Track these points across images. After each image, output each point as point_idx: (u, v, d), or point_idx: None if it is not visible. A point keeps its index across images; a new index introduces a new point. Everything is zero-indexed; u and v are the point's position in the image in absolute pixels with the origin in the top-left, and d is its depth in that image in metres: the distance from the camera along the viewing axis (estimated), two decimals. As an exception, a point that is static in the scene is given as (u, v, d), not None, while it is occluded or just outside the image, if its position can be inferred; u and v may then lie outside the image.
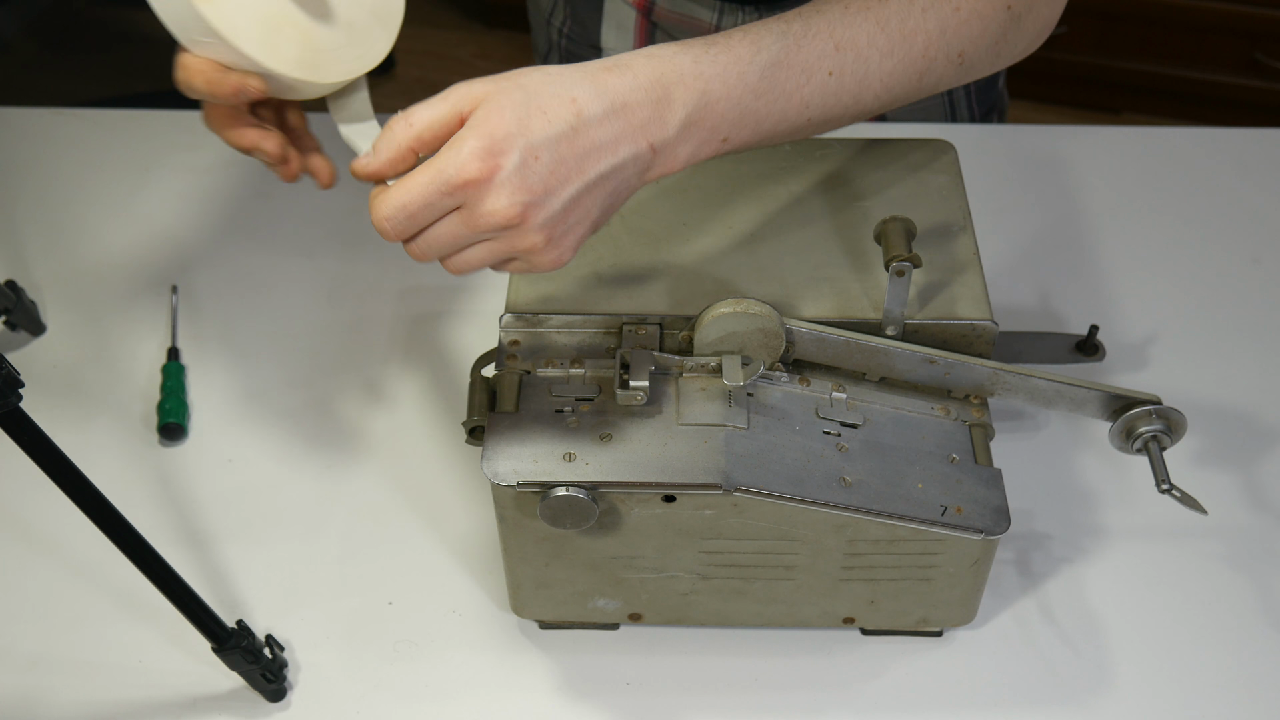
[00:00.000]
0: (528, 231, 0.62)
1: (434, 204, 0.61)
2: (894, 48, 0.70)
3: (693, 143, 0.66)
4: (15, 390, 0.59)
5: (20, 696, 0.77)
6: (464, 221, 0.62)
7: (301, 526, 0.86)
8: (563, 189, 0.62)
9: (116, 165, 1.12)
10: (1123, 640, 0.79)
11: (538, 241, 0.63)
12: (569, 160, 0.62)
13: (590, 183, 0.63)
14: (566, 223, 0.64)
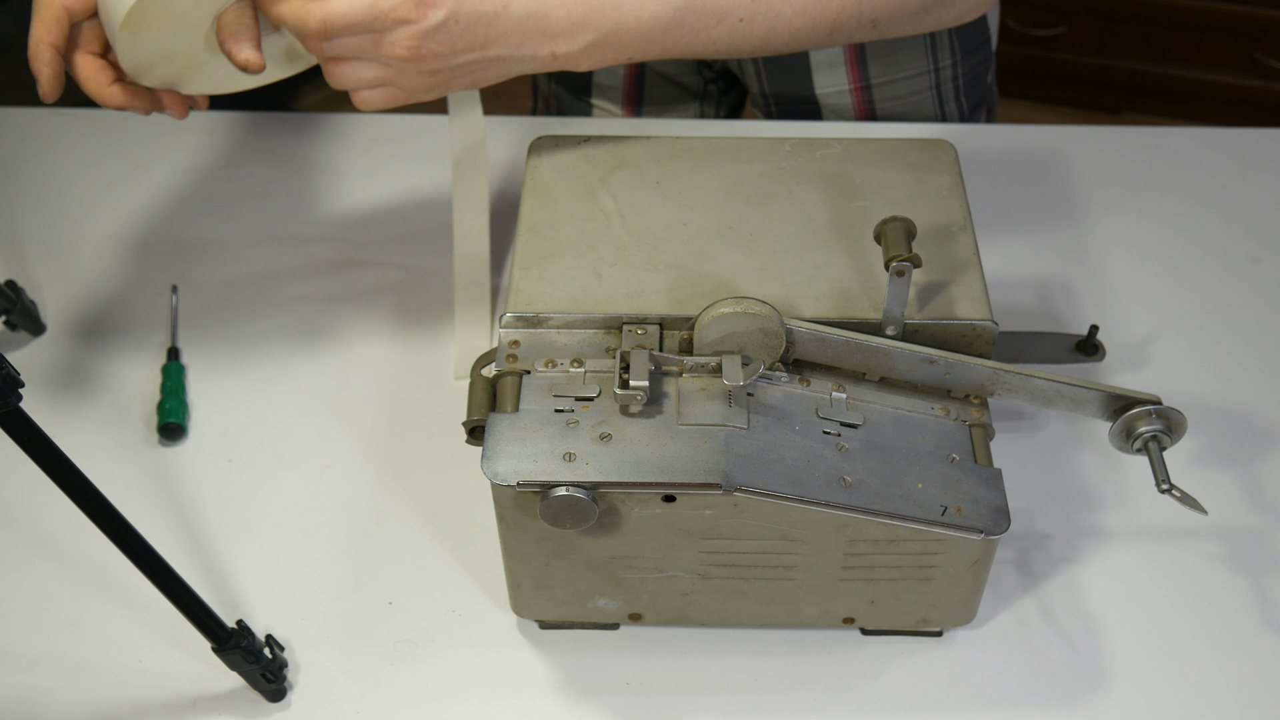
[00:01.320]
0: (418, 71, 0.74)
1: (365, 24, 0.71)
2: (807, 6, 0.79)
3: (595, 59, 0.77)
4: (15, 390, 0.59)
5: (20, 696, 0.77)
6: (372, 40, 0.72)
7: (301, 527, 0.86)
8: (463, 54, 0.74)
9: (116, 165, 1.12)
10: (1122, 640, 0.79)
11: (422, 83, 0.75)
12: (479, 35, 0.73)
13: (487, 59, 0.75)
14: (451, 77, 0.75)
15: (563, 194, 0.82)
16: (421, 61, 0.73)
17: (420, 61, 0.73)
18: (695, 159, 0.84)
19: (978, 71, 1.16)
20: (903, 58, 1.12)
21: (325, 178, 1.11)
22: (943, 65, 1.13)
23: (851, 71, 1.12)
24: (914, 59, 1.12)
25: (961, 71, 1.14)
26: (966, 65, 1.14)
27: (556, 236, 0.79)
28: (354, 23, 0.71)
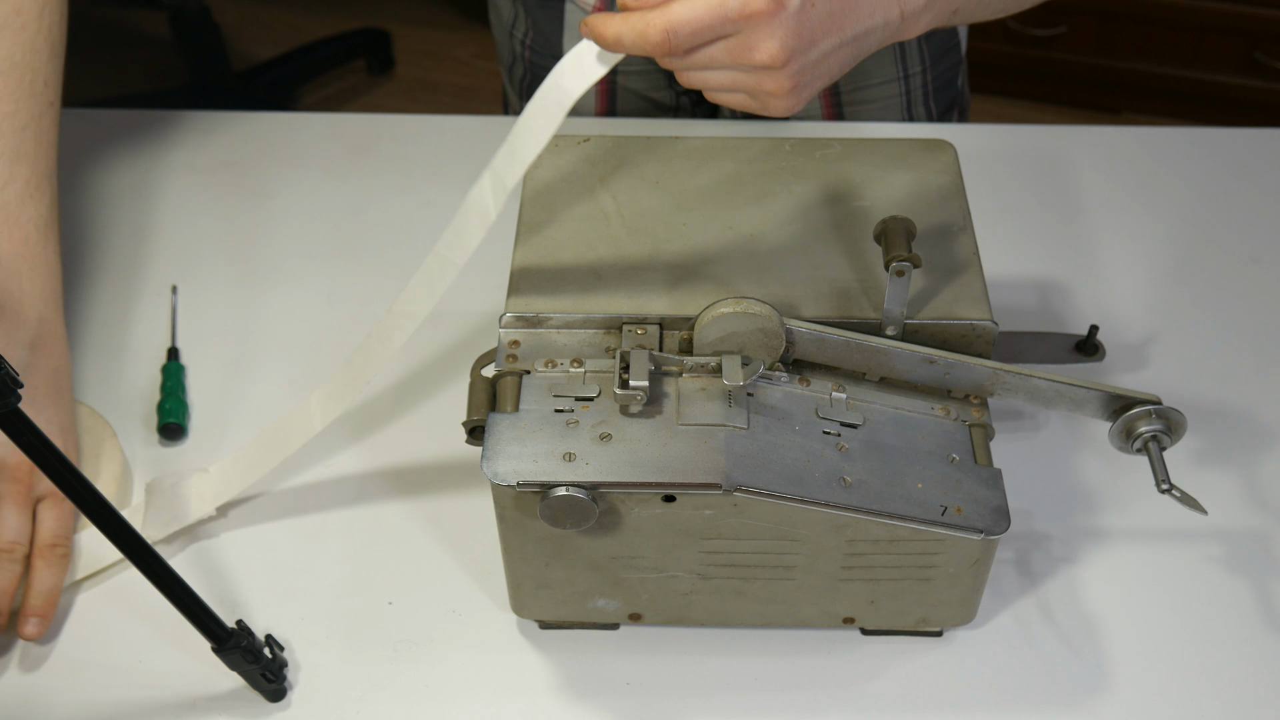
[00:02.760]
0: (781, 76, 0.65)
1: (715, 27, 0.63)
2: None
3: (931, 13, 0.69)
4: (15, 391, 0.59)
5: (20, 696, 0.77)
6: (729, 50, 0.64)
7: (301, 526, 0.86)
8: (824, 40, 0.65)
9: (116, 165, 1.12)
10: (1122, 640, 0.79)
11: (784, 86, 0.65)
12: (836, 14, 0.65)
13: (846, 40, 0.66)
14: (814, 74, 0.66)
15: (563, 194, 0.82)
16: (786, 64, 0.64)
17: (786, 64, 0.64)
18: (695, 159, 0.84)
19: (947, 77, 1.16)
20: (871, 66, 1.12)
21: (325, 178, 1.11)
22: (912, 73, 1.13)
23: None
24: (883, 68, 1.12)
25: (931, 78, 1.14)
26: (935, 71, 1.14)
27: (556, 236, 0.79)
28: (702, 27, 0.63)
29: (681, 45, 0.63)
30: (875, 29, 0.67)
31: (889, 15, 0.67)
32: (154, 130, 1.15)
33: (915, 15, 0.69)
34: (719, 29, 0.63)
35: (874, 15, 0.67)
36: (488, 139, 1.13)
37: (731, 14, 0.62)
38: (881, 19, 0.67)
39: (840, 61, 0.67)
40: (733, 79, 0.66)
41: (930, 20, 0.70)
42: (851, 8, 0.66)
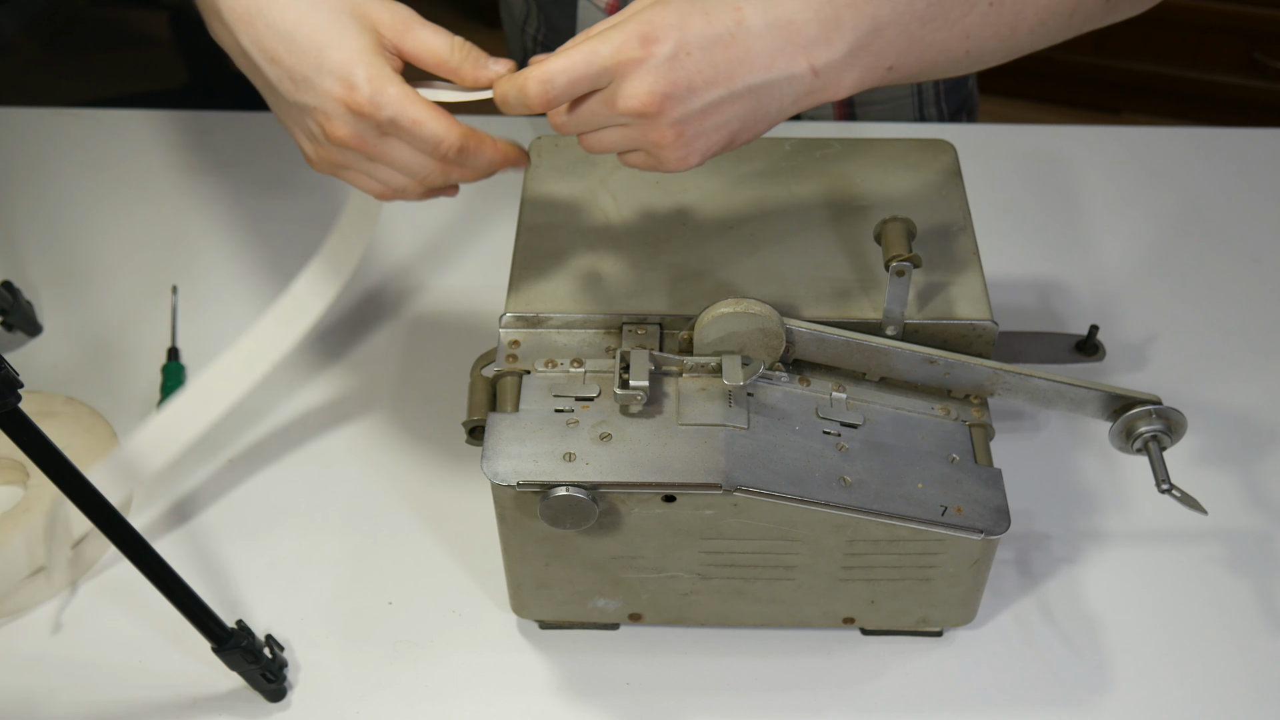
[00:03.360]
0: (660, 125, 0.63)
1: (588, 76, 0.62)
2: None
3: (858, 69, 0.65)
4: (14, 391, 0.59)
5: (20, 696, 0.77)
6: (604, 101, 0.63)
7: (301, 527, 0.86)
8: (706, 91, 0.62)
9: (116, 165, 1.12)
10: (1123, 640, 0.79)
11: (667, 137, 0.63)
12: (720, 64, 0.62)
13: (736, 92, 0.63)
14: (701, 126, 0.63)
15: (563, 194, 0.82)
16: (662, 112, 0.62)
17: (661, 112, 0.62)
18: (695, 159, 0.84)
19: (959, 77, 1.16)
20: None
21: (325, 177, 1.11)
22: None
23: None
24: None
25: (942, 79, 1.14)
26: None
27: (556, 236, 0.79)
28: (576, 77, 0.62)
29: (559, 96, 0.63)
30: (777, 82, 0.63)
31: (794, 69, 0.63)
32: (154, 130, 1.15)
33: (833, 70, 0.64)
34: (594, 79, 0.62)
35: (772, 68, 0.63)
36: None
37: (603, 62, 0.62)
38: (784, 72, 0.63)
39: (737, 114, 0.64)
40: (623, 135, 0.65)
41: (859, 77, 0.65)
42: (740, 58, 0.62)
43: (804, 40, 0.63)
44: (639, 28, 0.62)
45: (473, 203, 1.08)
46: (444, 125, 0.65)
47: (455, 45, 0.67)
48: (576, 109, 0.64)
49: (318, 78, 0.64)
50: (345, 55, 0.64)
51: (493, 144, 0.68)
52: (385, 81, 0.64)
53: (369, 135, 0.65)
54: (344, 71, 0.64)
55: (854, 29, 0.64)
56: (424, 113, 0.65)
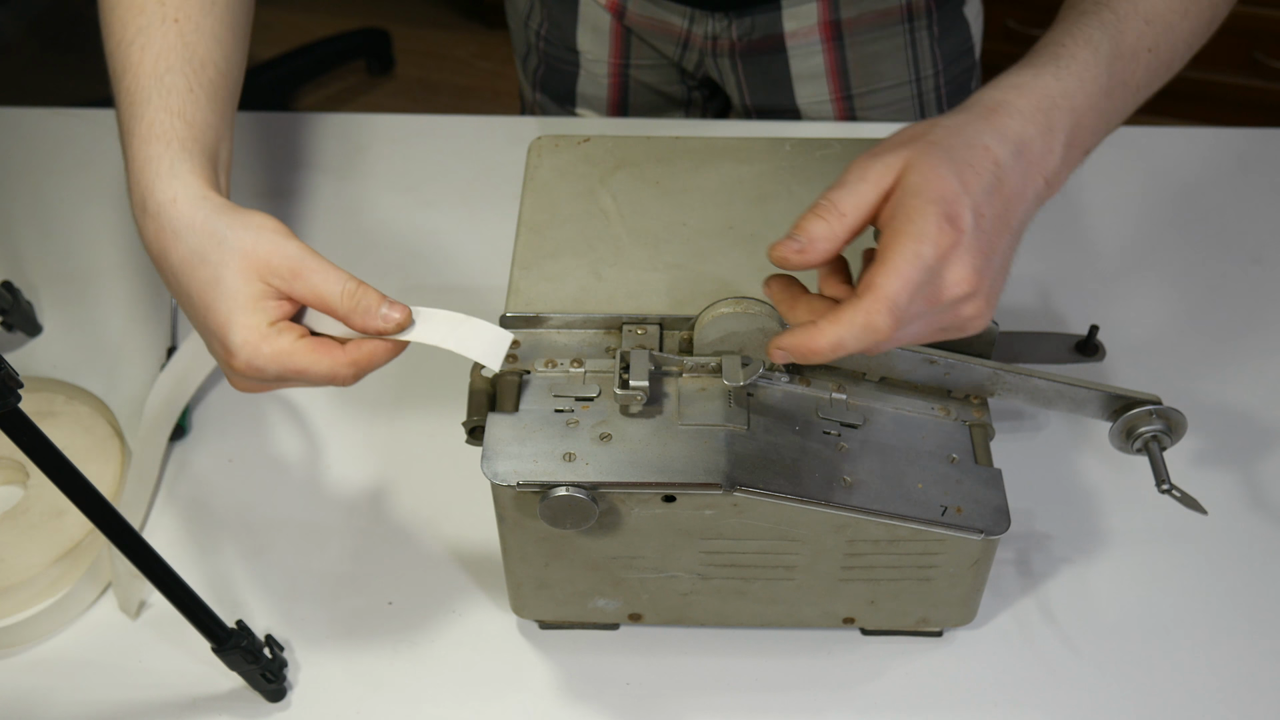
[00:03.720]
0: (977, 299, 0.60)
1: (924, 281, 0.58)
2: (1187, 6, 0.69)
3: (1071, 165, 0.65)
4: (14, 391, 0.59)
5: (20, 696, 0.77)
6: (931, 296, 0.59)
7: (301, 526, 0.86)
8: (999, 244, 0.60)
9: (116, 165, 1.12)
10: (1123, 640, 0.79)
11: (981, 308, 0.60)
12: (1000, 213, 0.60)
13: (1015, 233, 0.62)
14: (997, 279, 0.61)
15: (563, 194, 0.82)
16: (979, 286, 0.59)
17: (978, 288, 0.59)
18: (695, 159, 0.84)
19: (961, 80, 1.16)
20: (884, 69, 1.12)
21: (325, 178, 1.11)
22: (924, 75, 1.13)
23: (833, 82, 1.12)
24: (895, 70, 1.12)
25: (944, 81, 1.14)
26: (949, 75, 1.14)
27: (556, 236, 0.79)
28: (916, 286, 0.57)
29: (905, 316, 0.58)
30: (1030, 206, 0.63)
31: (1037, 189, 0.63)
32: (154, 130, 1.15)
33: (1057, 175, 0.64)
34: (926, 280, 0.58)
35: (1026, 196, 0.62)
36: (488, 139, 1.14)
37: (930, 260, 0.57)
38: (1033, 195, 0.62)
39: (1011, 251, 0.63)
40: (930, 324, 0.61)
41: (1069, 171, 0.65)
42: (1010, 199, 0.61)
43: (1037, 158, 0.62)
44: (938, 208, 0.58)
45: (473, 203, 1.08)
46: (328, 364, 0.65)
47: (345, 293, 0.65)
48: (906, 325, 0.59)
49: (208, 337, 0.66)
50: (222, 318, 0.64)
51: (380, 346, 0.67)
52: (259, 342, 0.64)
53: (260, 383, 0.67)
54: (222, 335, 0.64)
55: (1064, 129, 0.63)
56: (306, 361, 0.65)
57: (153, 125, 0.67)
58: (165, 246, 0.66)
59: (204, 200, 0.66)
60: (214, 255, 0.64)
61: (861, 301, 0.58)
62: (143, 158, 0.67)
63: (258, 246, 0.65)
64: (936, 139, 0.61)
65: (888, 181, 0.60)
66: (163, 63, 0.69)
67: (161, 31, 0.70)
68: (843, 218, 0.59)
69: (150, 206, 0.66)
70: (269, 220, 0.66)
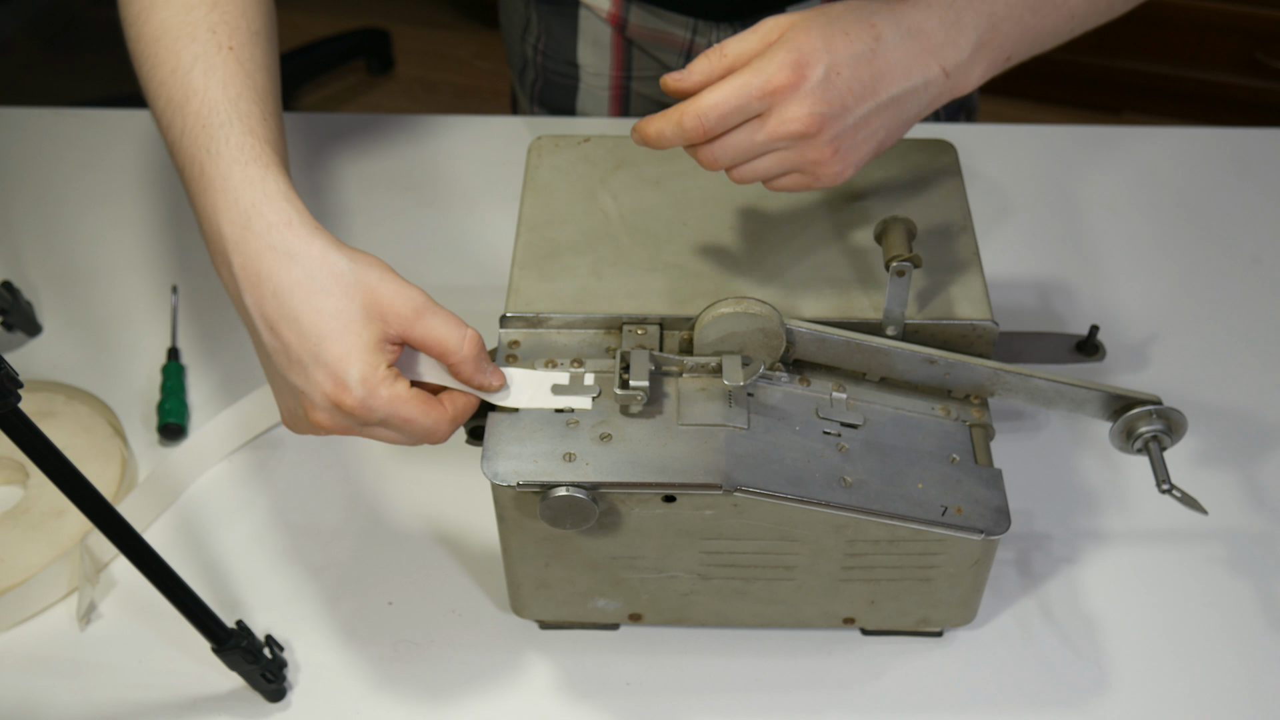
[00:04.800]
0: (819, 143, 0.67)
1: (743, 106, 0.66)
2: None
3: (983, 64, 0.70)
4: (14, 391, 0.59)
5: (20, 696, 0.77)
6: (763, 128, 0.66)
7: (301, 526, 0.86)
8: (857, 106, 0.67)
9: (116, 165, 1.12)
10: (1123, 641, 0.79)
11: (825, 154, 0.67)
12: (866, 80, 0.67)
13: (882, 103, 0.68)
14: (854, 139, 0.68)
15: (563, 194, 0.82)
16: (821, 131, 0.66)
17: (820, 131, 0.66)
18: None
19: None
20: None
21: (325, 178, 1.11)
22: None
23: None
24: None
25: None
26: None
27: (556, 236, 0.79)
28: (729, 110, 0.65)
29: (713, 128, 0.66)
30: (916, 89, 0.68)
31: (929, 74, 0.68)
32: (154, 130, 1.15)
33: (962, 69, 0.69)
34: (747, 108, 0.66)
35: (910, 76, 0.68)
36: (488, 139, 1.14)
37: (755, 91, 0.65)
38: (921, 78, 0.68)
39: (884, 123, 0.69)
40: (779, 159, 0.68)
41: (984, 71, 0.70)
42: (883, 71, 0.67)
43: (934, 46, 0.68)
44: (789, 55, 0.65)
45: (473, 202, 1.08)
46: (433, 419, 0.66)
47: (466, 339, 0.66)
48: (726, 141, 0.67)
49: (312, 366, 0.64)
50: (342, 351, 0.64)
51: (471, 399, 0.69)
52: (378, 384, 0.64)
53: (353, 425, 0.66)
54: (338, 368, 0.64)
55: (975, 28, 0.69)
56: (415, 411, 0.65)
57: (243, 147, 0.67)
58: (271, 268, 0.65)
59: (319, 231, 0.66)
60: (337, 287, 0.64)
61: (682, 105, 0.66)
62: (240, 177, 0.66)
63: (381, 286, 0.65)
64: (831, 11, 0.68)
65: (773, 37, 0.67)
66: (232, 88, 0.69)
67: (221, 59, 0.70)
68: (724, 58, 0.67)
69: (256, 225, 0.65)
70: (384, 263, 0.67)
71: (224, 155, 0.67)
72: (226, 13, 0.72)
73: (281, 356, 0.66)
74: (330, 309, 0.64)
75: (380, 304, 0.65)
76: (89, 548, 0.81)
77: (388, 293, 0.65)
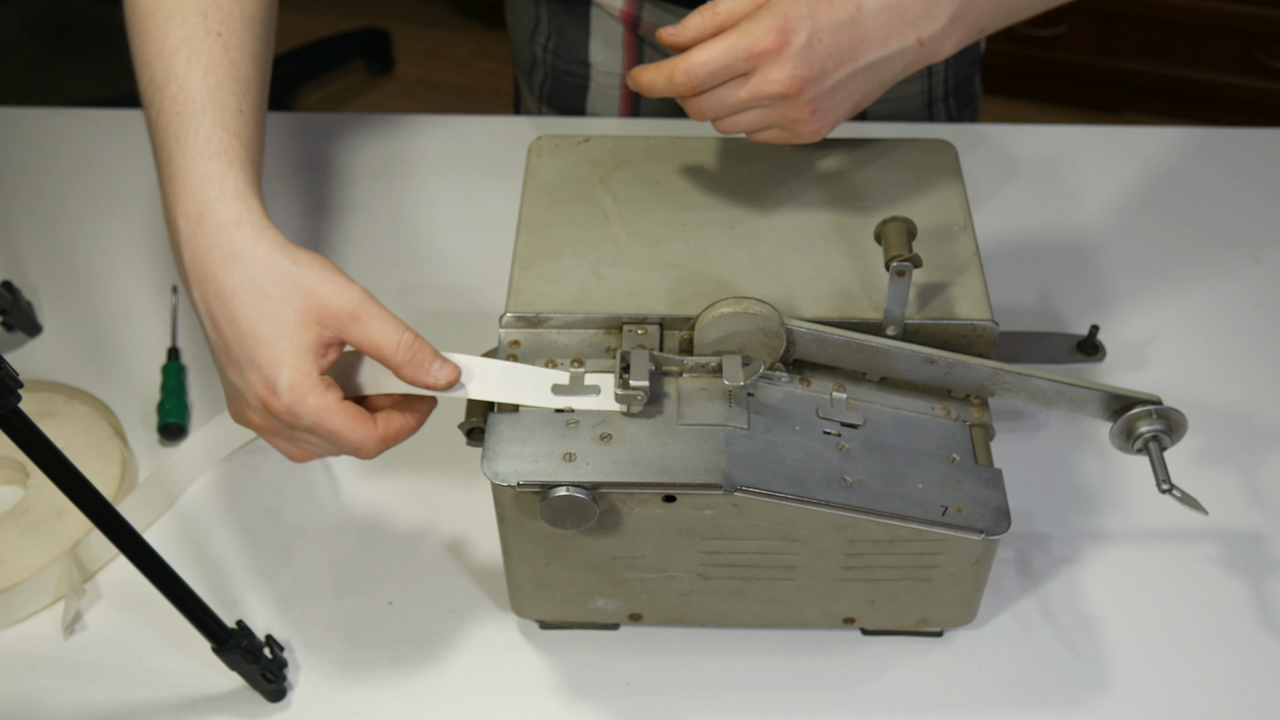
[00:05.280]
0: (798, 103, 0.72)
1: (730, 66, 0.70)
2: None
3: (957, 35, 0.75)
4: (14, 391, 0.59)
5: (20, 696, 0.77)
6: (747, 87, 0.71)
7: (302, 526, 0.86)
8: (836, 71, 0.72)
9: (116, 165, 1.12)
10: (1122, 641, 0.79)
11: (804, 113, 0.72)
12: (845, 46, 0.71)
13: (859, 69, 0.72)
14: (831, 101, 0.73)
15: (563, 194, 0.82)
16: (801, 92, 0.71)
17: (800, 92, 0.71)
18: (695, 159, 0.84)
19: (967, 74, 1.16)
20: None
21: (325, 178, 1.11)
22: (935, 69, 1.13)
23: None
24: None
25: (953, 74, 1.14)
26: (958, 69, 1.14)
27: (556, 236, 0.79)
28: (717, 69, 0.70)
29: (701, 84, 0.71)
30: (891, 56, 0.73)
31: (904, 43, 0.73)
32: (154, 130, 1.15)
33: (936, 40, 0.74)
34: (733, 67, 0.70)
35: (887, 44, 0.72)
36: (488, 139, 1.14)
37: (742, 53, 0.70)
38: (897, 47, 0.72)
39: (860, 87, 0.73)
40: (760, 116, 0.73)
41: (957, 42, 0.75)
42: (861, 39, 0.71)
43: (912, 17, 0.72)
44: (775, 20, 0.70)
45: (473, 202, 1.08)
46: (360, 435, 0.66)
47: (401, 344, 0.67)
48: (713, 95, 0.72)
49: (247, 368, 0.65)
50: (274, 356, 0.64)
51: (408, 422, 0.70)
52: (306, 392, 0.64)
53: (283, 429, 0.67)
54: (269, 373, 0.64)
55: (951, 3, 0.73)
56: (341, 423, 0.65)
57: (210, 140, 0.68)
58: (217, 266, 0.66)
59: (267, 231, 0.67)
60: (275, 290, 0.65)
61: (673, 59, 0.71)
62: (202, 172, 0.67)
63: (320, 288, 0.65)
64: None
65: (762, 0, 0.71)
66: (212, 77, 0.70)
67: (207, 45, 0.71)
68: (715, 15, 0.72)
69: (208, 222, 0.66)
70: (328, 263, 0.67)
71: (190, 147, 0.68)
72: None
73: (222, 354, 0.67)
74: (267, 312, 0.65)
75: (318, 306, 0.65)
76: (78, 557, 0.81)
77: (325, 293, 0.65)
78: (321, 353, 0.66)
